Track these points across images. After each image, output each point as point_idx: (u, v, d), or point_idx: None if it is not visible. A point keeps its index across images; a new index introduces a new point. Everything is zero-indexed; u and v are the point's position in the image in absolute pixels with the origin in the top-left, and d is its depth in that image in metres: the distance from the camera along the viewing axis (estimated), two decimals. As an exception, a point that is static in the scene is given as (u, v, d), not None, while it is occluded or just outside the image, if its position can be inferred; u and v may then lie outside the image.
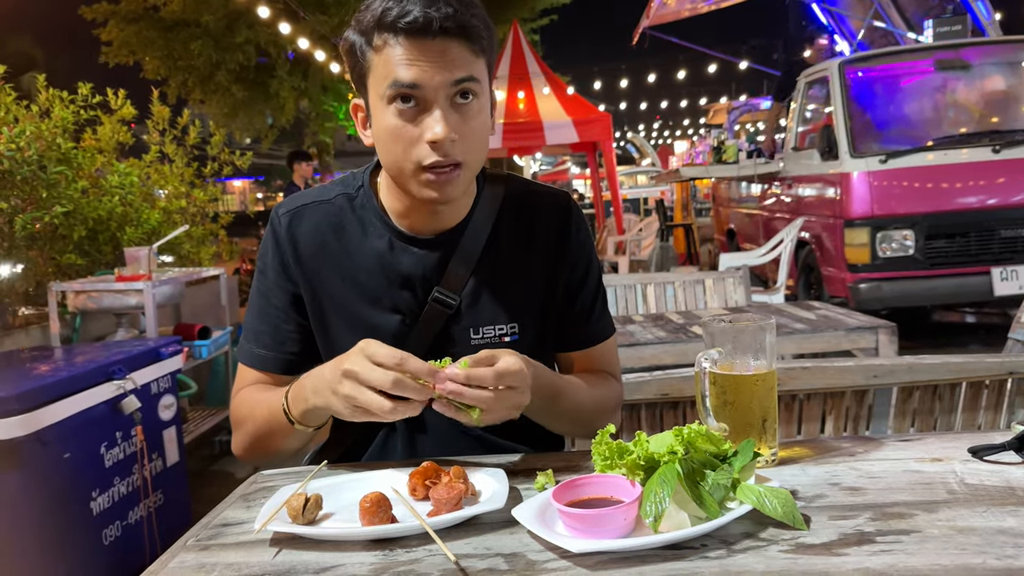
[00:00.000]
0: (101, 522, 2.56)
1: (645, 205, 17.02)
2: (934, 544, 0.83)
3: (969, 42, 6.57)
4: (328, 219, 1.32)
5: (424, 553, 0.89)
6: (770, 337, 1.09)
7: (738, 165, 7.38)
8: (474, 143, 1.19)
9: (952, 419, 1.66)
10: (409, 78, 1.12)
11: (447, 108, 1.14)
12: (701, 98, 31.60)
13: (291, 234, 1.31)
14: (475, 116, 1.18)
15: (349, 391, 1.03)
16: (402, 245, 1.30)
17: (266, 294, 1.33)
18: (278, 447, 1.27)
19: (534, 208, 1.37)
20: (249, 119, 15.80)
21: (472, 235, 1.31)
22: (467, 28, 1.13)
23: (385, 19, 1.12)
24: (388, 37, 1.13)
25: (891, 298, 5.55)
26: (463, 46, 1.14)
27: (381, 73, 1.15)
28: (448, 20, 1.11)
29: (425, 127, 1.14)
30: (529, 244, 1.35)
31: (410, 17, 1.11)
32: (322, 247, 1.31)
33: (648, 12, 10.98)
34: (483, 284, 1.31)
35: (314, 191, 1.37)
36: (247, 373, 1.35)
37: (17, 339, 3.86)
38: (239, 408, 1.32)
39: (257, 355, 1.34)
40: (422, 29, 1.11)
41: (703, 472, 0.92)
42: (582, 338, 1.39)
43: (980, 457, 1.07)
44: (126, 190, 4.55)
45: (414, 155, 1.15)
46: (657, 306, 3.89)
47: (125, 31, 13.51)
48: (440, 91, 1.13)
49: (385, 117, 1.16)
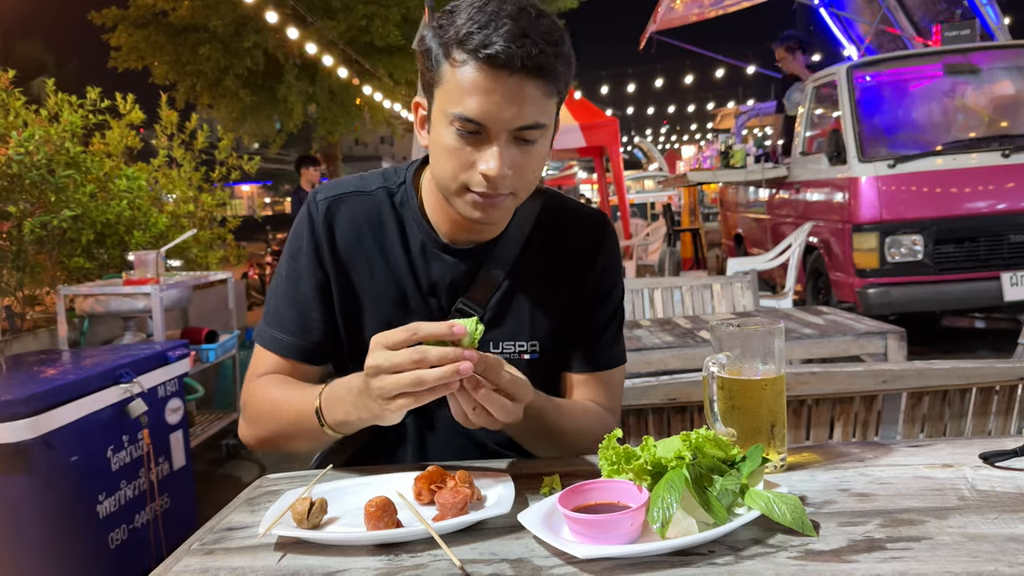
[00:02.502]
0: (107, 525, 2.56)
1: (652, 210, 17.00)
2: (945, 551, 0.82)
3: (978, 46, 6.54)
4: (367, 213, 1.31)
5: (429, 558, 0.88)
6: (779, 341, 1.09)
7: (746, 170, 7.35)
8: (527, 176, 1.17)
9: (962, 425, 1.65)
10: (476, 113, 1.10)
11: (507, 144, 1.12)
12: (708, 103, 31.61)
13: (328, 222, 1.30)
14: (533, 151, 1.16)
15: (380, 384, 0.99)
16: (435, 251, 1.29)
17: (295, 279, 1.31)
18: (301, 447, 1.25)
19: (569, 227, 1.36)
20: (257, 124, 15.87)
21: (504, 249, 1.30)
22: (547, 70, 1.10)
23: (467, 43, 1.08)
24: (466, 59, 1.09)
25: (900, 303, 5.52)
26: (539, 87, 1.11)
27: (451, 92, 1.11)
28: (530, 60, 1.07)
29: (481, 157, 1.12)
30: (560, 263, 1.34)
31: (492, 50, 1.07)
32: (359, 240, 1.30)
33: (655, 17, 10.97)
34: (508, 299, 1.31)
35: (353, 180, 1.35)
36: (266, 357, 1.31)
37: (25, 343, 3.87)
38: (258, 401, 1.28)
39: (279, 340, 1.30)
40: (502, 65, 1.07)
41: (711, 477, 0.91)
42: (587, 360, 1.35)
43: (991, 463, 1.06)
44: (134, 194, 4.56)
45: (465, 177, 1.15)
46: (664, 311, 3.88)
47: (134, 36, 13.59)
48: (504, 131, 1.11)
49: (445, 133, 1.14)
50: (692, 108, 37.79)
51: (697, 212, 10.08)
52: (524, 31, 1.07)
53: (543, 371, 1.33)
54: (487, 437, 1.34)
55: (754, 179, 7.37)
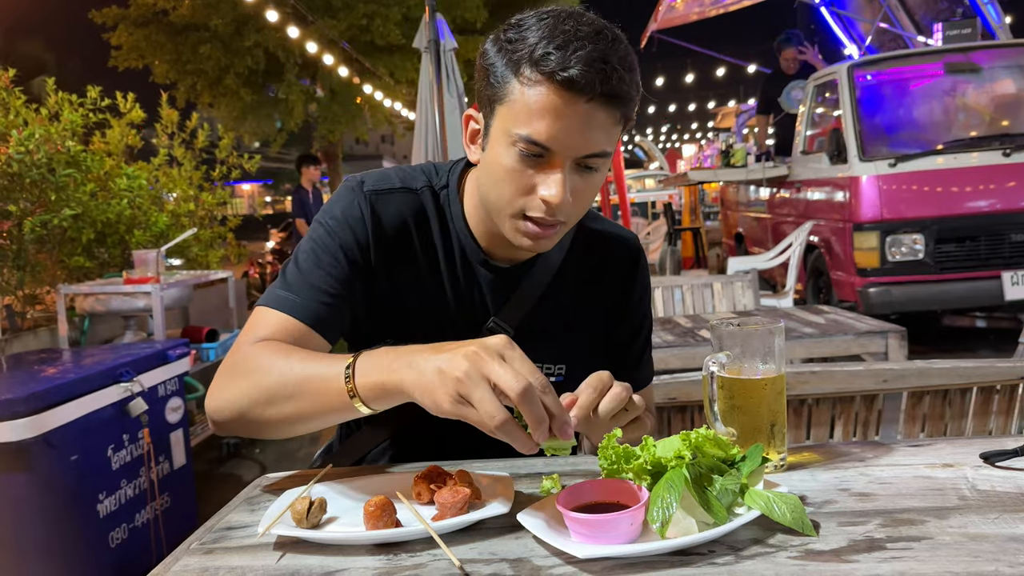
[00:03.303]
0: (108, 524, 2.56)
1: (653, 209, 16.98)
2: (946, 551, 0.82)
3: (979, 45, 6.53)
4: (413, 211, 1.26)
5: (428, 558, 0.88)
6: (779, 340, 1.08)
7: (746, 169, 7.35)
8: (584, 204, 1.14)
9: (963, 424, 1.64)
10: (545, 137, 1.05)
11: (571, 172, 1.08)
12: (709, 102, 31.59)
13: (376, 214, 1.23)
14: (594, 179, 1.13)
15: (468, 372, 0.88)
16: (474, 264, 1.27)
17: (329, 251, 1.20)
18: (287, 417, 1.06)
19: (604, 250, 1.35)
20: (257, 123, 15.89)
21: (541, 271, 1.29)
22: (623, 98, 1.06)
23: (544, 63, 1.03)
24: (539, 79, 1.04)
25: (901, 302, 5.52)
26: (611, 115, 1.06)
27: (518, 112, 1.06)
28: (607, 87, 1.03)
29: (542, 183, 1.08)
30: (594, 286, 1.33)
31: (571, 74, 1.02)
32: (405, 237, 1.25)
33: (656, 16, 10.97)
34: (539, 321, 1.29)
35: (399, 174, 1.29)
36: (271, 320, 1.15)
37: (25, 341, 3.88)
38: (249, 358, 1.10)
39: (295, 302, 1.16)
40: (579, 90, 1.02)
41: (711, 477, 0.91)
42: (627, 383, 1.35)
43: (992, 463, 1.05)
44: (135, 193, 4.57)
45: (521, 203, 1.11)
46: (665, 310, 3.88)
47: (134, 35, 13.60)
48: (569, 157, 1.07)
49: (506, 153, 1.09)
50: (693, 107, 37.81)
51: (698, 211, 10.08)
52: (604, 56, 1.03)
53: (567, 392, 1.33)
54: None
55: (755, 178, 7.36)
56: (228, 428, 1.12)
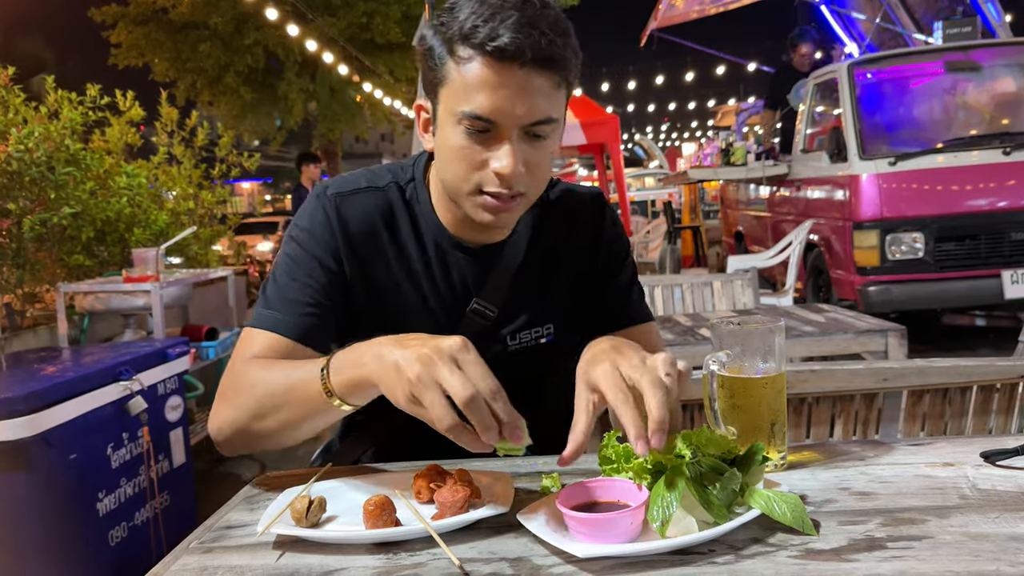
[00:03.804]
0: (107, 523, 2.56)
1: (653, 207, 16.99)
2: (946, 550, 0.82)
3: (979, 44, 6.53)
4: (380, 209, 1.27)
5: (428, 557, 0.88)
6: (779, 339, 1.08)
7: (746, 167, 7.34)
8: (539, 174, 1.15)
9: (963, 423, 1.64)
10: (486, 110, 1.07)
11: (519, 141, 1.10)
12: (709, 100, 31.60)
13: (342, 217, 1.24)
14: (545, 147, 1.14)
15: (419, 374, 0.89)
16: (447, 250, 1.28)
17: (303, 264, 1.22)
18: (282, 425, 1.09)
19: (568, 209, 1.36)
20: (257, 121, 15.89)
21: (515, 246, 1.30)
22: (556, 61, 1.07)
23: (473, 36, 1.05)
24: (472, 55, 1.06)
25: (901, 301, 5.52)
26: (549, 79, 1.08)
27: (458, 90, 1.08)
28: (539, 51, 1.04)
29: (493, 156, 1.10)
30: (567, 245, 1.35)
31: (499, 42, 1.04)
32: (374, 235, 1.26)
33: (656, 14, 10.96)
34: (522, 292, 1.31)
35: (363, 175, 1.31)
36: (259, 340, 1.18)
37: (25, 340, 3.87)
38: (241, 377, 1.14)
39: (280, 320, 1.18)
40: (510, 57, 1.04)
41: (711, 476, 0.91)
42: (621, 317, 1.35)
43: (992, 462, 1.05)
44: (134, 191, 4.56)
45: (476, 178, 1.12)
46: (665, 308, 3.87)
47: (134, 33, 13.61)
48: (516, 127, 1.09)
49: (453, 134, 1.11)
50: (693, 105, 37.82)
51: (698, 210, 10.08)
52: (532, 21, 1.05)
53: (559, 350, 1.33)
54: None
55: (755, 176, 7.36)
56: (232, 446, 1.16)
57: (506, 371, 1.28)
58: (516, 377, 1.29)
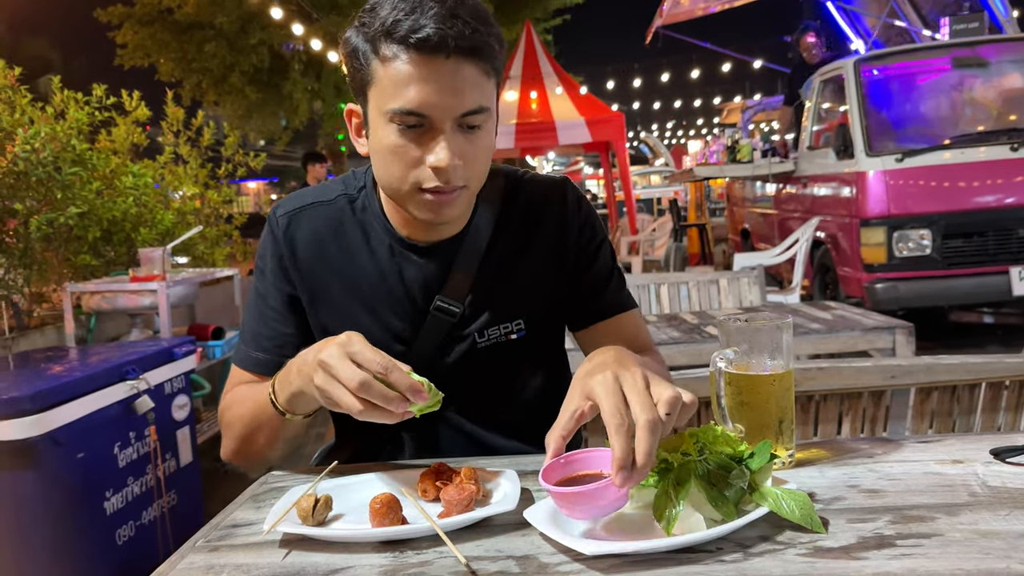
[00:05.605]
0: (114, 522, 2.56)
1: (659, 205, 16.97)
2: (956, 548, 0.81)
3: (986, 39, 6.50)
4: (328, 222, 1.28)
5: (435, 555, 0.88)
6: (787, 336, 1.08)
7: (752, 164, 7.33)
8: (478, 167, 1.15)
9: (971, 420, 1.63)
10: (416, 104, 1.06)
11: (453, 134, 1.09)
12: (715, 97, 31.53)
13: (289, 237, 1.27)
14: (481, 139, 1.13)
15: (321, 382, 0.96)
16: (403, 252, 1.26)
17: (265, 296, 1.29)
18: (265, 443, 1.19)
19: (533, 197, 1.33)
20: (263, 120, 15.90)
21: (473, 240, 1.28)
22: (482, 49, 1.07)
23: (395, 31, 1.05)
24: (397, 50, 1.05)
25: (908, 298, 5.50)
26: (476, 68, 1.08)
27: (385, 88, 1.07)
28: (463, 40, 1.04)
29: (429, 151, 1.09)
30: (532, 236, 1.32)
31: (423, 34, 1.03)
32: (321, 251, 1.27)
33: (661, 11, 10.95)
34: (486, 287, 1.28)
35: (314, 190, 1.33)
36: (240, 376, 1.30)
37: (32, 339, 3.88)
38: (228, 409, 1.26)
39: (253, 358, 1.28)
40: (435, 48, 1.03)
41: (718, 474, 0.90)
42: (602, 308, 1.33)
43: (1002, 459, 1.04)
44: (140, 191, 4.57)
45: (414, 176, 1.11)
46: (671, 306, 3.87)
47: (140, 33, 13.63)
48: (448, 119, 1.08)
49: (386, 134, 1.10)
50: (698, 103, 37.71)
51: (703, 207, 10.08)
52: (453, 12, 1.04)
53: (532, 346, 1.32)
54: (487, 432, 1.33)
55: (761, 174, 7.34)
56: (246, 466, 1.29)
57: (478, 369, 1.29)
58: (489, 374, 1.29)
